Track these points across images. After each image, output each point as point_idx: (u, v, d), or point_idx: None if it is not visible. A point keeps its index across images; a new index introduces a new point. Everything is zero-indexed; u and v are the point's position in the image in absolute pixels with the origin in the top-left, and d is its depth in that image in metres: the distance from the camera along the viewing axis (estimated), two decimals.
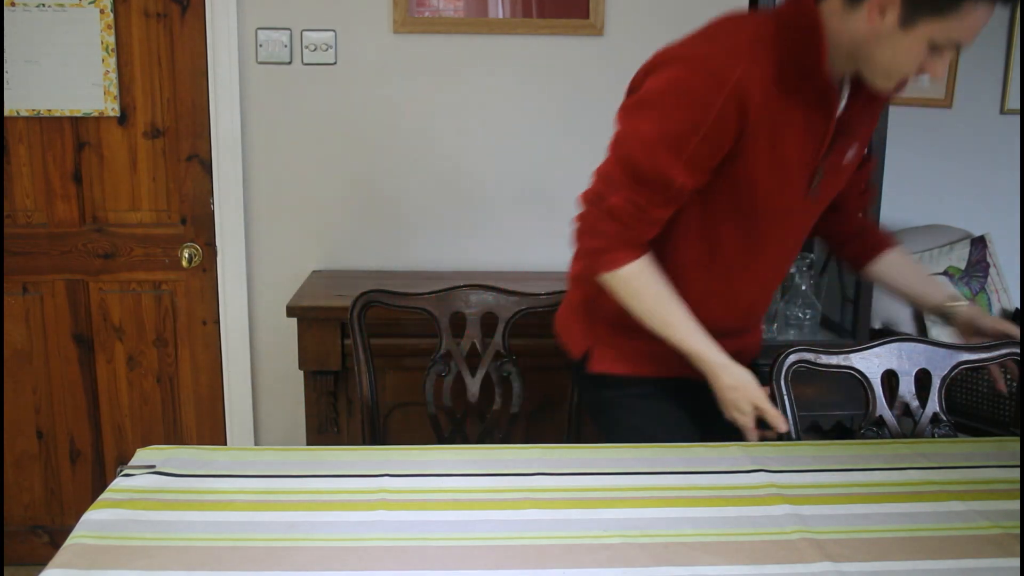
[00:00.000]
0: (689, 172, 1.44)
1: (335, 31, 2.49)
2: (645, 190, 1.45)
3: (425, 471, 1.38)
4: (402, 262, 2.62)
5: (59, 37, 2.45)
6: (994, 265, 3.11)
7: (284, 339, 2.54)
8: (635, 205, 1.46)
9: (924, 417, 1.63)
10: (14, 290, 2.59)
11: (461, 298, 1.86)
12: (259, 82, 2.50)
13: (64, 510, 2.72)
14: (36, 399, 2.65)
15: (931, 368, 1.63)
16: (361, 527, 1.21)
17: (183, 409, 2.70)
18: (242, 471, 1.38)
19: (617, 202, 1.46)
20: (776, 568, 1.13)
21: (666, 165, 1.43)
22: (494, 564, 1.13)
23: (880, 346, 1.62)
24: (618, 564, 1.13)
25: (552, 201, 2.61)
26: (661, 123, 1.43)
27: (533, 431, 2.27)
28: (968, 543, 1.20)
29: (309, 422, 2.26)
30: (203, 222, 2.59)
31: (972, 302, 1.73)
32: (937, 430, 1.63)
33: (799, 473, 1.40)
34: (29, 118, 2.50)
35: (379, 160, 2.56)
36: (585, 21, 2.50)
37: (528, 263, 2.64)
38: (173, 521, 1.22)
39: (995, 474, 1.42)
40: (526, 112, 2.55)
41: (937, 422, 1.63)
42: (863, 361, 1.61)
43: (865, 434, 1.62)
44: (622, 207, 1.46)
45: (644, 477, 1.38)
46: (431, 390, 1.85)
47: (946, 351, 1.64)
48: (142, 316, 2.63)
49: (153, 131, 2.53)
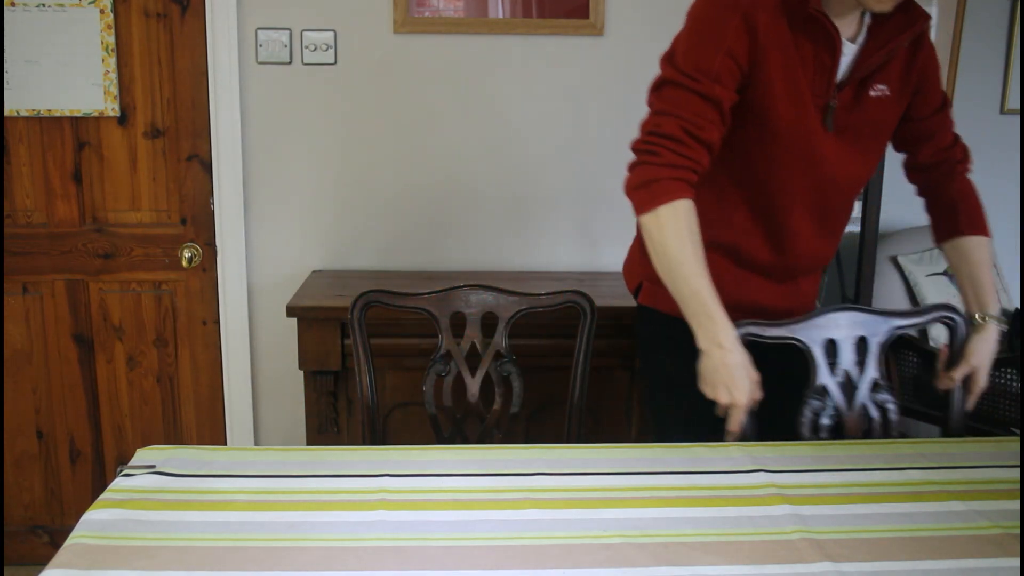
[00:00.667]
0: (722, 87, 1.51)
1: (335, 31, 2.49)
2: (689, 110, 1.51)
3: (425, 471, 1.38)
4: (402, 262, 2.62)
5: (59, 37, 2.45)
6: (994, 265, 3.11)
7: (284, 339, 2.54)
8: (684, 126, 1.50)
9: (863, 383, 1.67)
10: (14, 290, 2.59)
11: (461, 298, 1.86)
12: (259, 82, 2.50)
13: (64, 510, 2.72)
14: (36, 399, 2.65)
15: (868, 335, 1.68)
16: (361, 527, 1.21)
17: (183, 409, 2.70)
18: (242, 471, 1.38)
19: (670, 128, 1.51)
20: (776, 568, 1.13)
21: (702, 81, 1.51)
22: (494, 564, 1.13)
23: (820, 316, 1.66)
24: (618, 564, 1.13)
25: (552, 201, 2.61)
26: (689, 48, 1.54)
27: (533, 431, 2.27)
28: (968, 543, 1.20)
29: (309, 422, 2.26)
30: (203, 222, 2.59)
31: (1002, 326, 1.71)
32: (876, 395, 1.67)
33: (799, 473, 1.40)
34: (29, 118, 2.50)
35: (379, 160, 2.56)
36: (585, 21, 2.50)
37: (528, 263, 2.65)
38: (173, 521, 1.22)
39: (995, 474, 1.42)
40: (526, 112, 2.55)
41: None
42: (804, 331, 1.65)
43: (810, 403, 1.64)
44: (674, 131, 1.51)
45: (644, 477, 1.38)
46: (431, 390, 1.85)
47: (882, 318, 1.69)
48: (142, 316, 2.63)
49: (153, 131, 2.53)
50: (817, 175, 1.62)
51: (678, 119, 1.50)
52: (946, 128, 1.75)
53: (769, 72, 1.53)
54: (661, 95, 1.55)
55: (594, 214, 2.61)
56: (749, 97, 1.55)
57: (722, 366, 1.49)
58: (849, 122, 1.60)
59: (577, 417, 1.86)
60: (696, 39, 1.53)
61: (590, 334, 1.84)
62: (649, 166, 1.51)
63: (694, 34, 1.54)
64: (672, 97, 1.53)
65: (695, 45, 1.53)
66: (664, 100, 1.54)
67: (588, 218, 2.62)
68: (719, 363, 1.49)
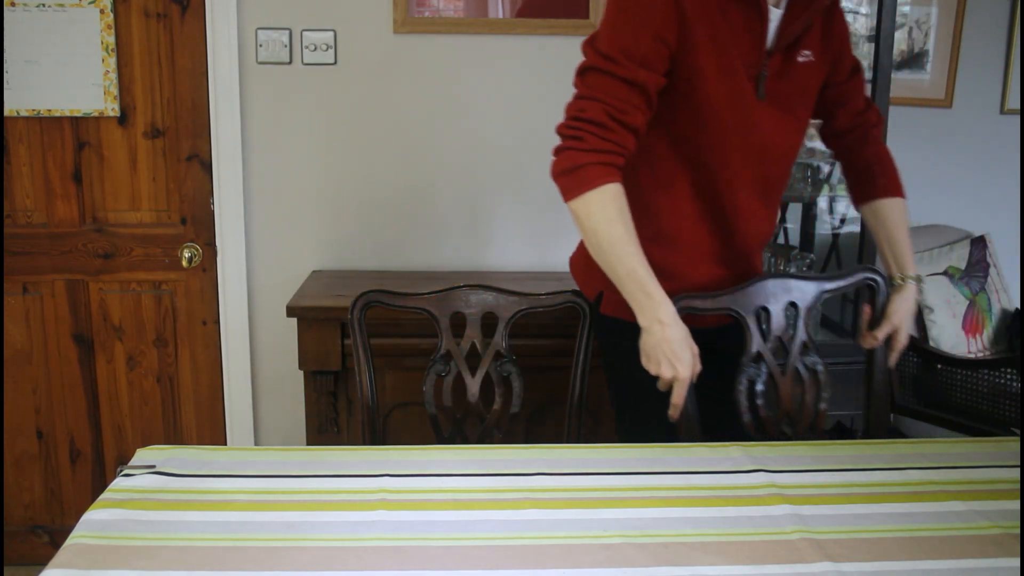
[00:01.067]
0: (647, 71, 1.51)
1: (335, 31, 2.49)
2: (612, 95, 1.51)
3: (425, 471, 1.38)
4: (402, 262, 2.62)
5: (59, 37, 2.45)
6: (994, 265, 3.11)
7: (284, 339, 2.54)
8: (608, 111, 1.51)
9: (795, 346, 1.73)
10: (14, 290, 2.59)
11: (461, 298, 1.86)
12: (259, 82, 2.50)
13: (64, 510, 2.72)
14: (36, 399, 2.65)
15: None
16: (361, 527, 1.21)
17: (183, 409, 2.70)
18: (242, 471, 1.38)
19: (593, 113, 1.51)
20: (776, 568, 1.13)
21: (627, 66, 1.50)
22: (494, 564, 1.13)
23: (750, 286, 1.71)
24: (618, 564, 1.13)
25: (552, 201, 2.60)
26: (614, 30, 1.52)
27: (533, 431, 2.27)
28: (968, 543, 1.20)
29: (309, 422, 2.26)
30: (203, 222, 2.59)
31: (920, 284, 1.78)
32: (806, 357, 1.74)
33: (799, 473, 1.40)
34: (29, 118, 2.50)
35: (379, 160, 2.56)
36: (585, 21, 2.50)
37: (528, 263, 2.65)
38: (173, 521, 1.22)
39: (995, 474, 1.42)
40: (526, 112, 2.55)
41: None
42: (738, 301, 1.70)
43: (746, 370, 1.69)
44: (598, 116, 1.51)
45: (644, 477, 1.38)
46: (431, 390, 1.85)
47: (809, 283, 1.75)
48: (142, 316, 2.63)
49: (153, 131, 2.53)
50: (755, 145, 1.64)
51: (602, 104, 1.51)
52: (860, 92, 1.80)
53: (698, 47, 1.52)
54: (585, 80, 1.54)
55: None
56: (681, 76, 1.55)
57: (664, 341, 1.51)
58: (779, 89, 1.62)
59: (577, 417, 1.86)
60: (622, 21, 1.51)
61: (590, 334, 1.84)
62: (574, 151, 1.52)
63: (620, 15, 1.52)
64: (596, 83, 1.52)
65: (620, 27, 1.51)
66: (587, 85, 1.54)
67: None
68: (660, 338, 1.51)
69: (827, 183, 2.63)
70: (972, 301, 3.03)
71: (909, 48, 3.32)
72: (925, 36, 3.30)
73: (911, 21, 3.30)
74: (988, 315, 3.04)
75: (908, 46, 3.32)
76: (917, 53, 3.32)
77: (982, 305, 3.04)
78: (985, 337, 3.02)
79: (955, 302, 3.01)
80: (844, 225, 2.62)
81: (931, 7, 3.28)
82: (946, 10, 3.25)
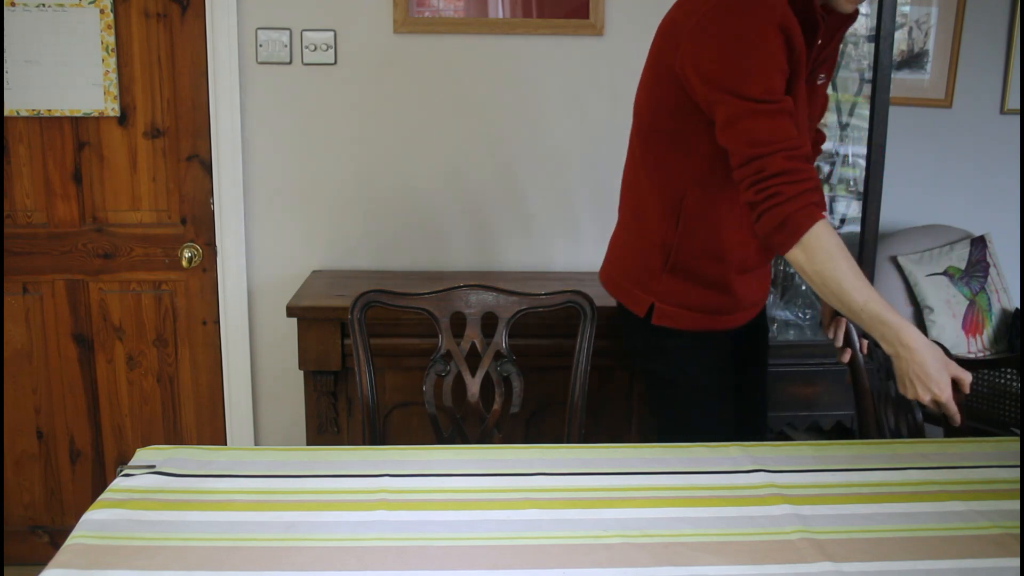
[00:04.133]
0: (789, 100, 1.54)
1: (335, 31, 2.49)
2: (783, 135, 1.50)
3: (425, 471, 1.38)
4: (402, 262, 2.62)
5: (59, 37, 2.45)
6: (994, 265, 3.11)
7: (284, 339, 2.54)
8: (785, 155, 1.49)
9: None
10: (14, 290, 2.59)
11: (461, 298, 1.86)
12: (259, 82, 2.50)
13: (64, 510, 2.72)
14: (36, 399, 2.65)
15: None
16: (361, 527, 1.21)
17: (183, 409, 2.70)
18: (242, 471, 1.38)
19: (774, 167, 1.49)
20: (776, 568, 1.13)
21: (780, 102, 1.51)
22: (494, 564, 1.13)
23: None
24: (618, 564, 1.13)
25: (553, 201, 2.61)
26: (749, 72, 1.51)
27: (533, 431, 2.27)
28: (968, 543, 1.20)
29: (309, 422, 2.26)
30: (203, 222, 2.59)
31: None
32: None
33: (799, 473, 1.40)
34: (29, 118, 2.50)
35: (379, 160, 2.56)
36: (585, 21, 2.50)
37: (528, 263, 2.65)
38: (173, 521, 1.22)
39: (995, 474, 1.42)
40: (526, 112, 2.55)
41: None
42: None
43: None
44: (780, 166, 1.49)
45: (644, 477, 1.38)
46: (431, 390, 1.85)
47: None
48: (142, 316, 2.63)
49: (153, 131, 2.53)
50: None
51: (777, 152, 1.49)
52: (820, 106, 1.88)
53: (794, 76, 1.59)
54: (738, 129, 1.51)
55: (594, 214, 2.60)
56: None
57: (912, 364, 1.46)
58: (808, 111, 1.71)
59: (577, 417, 1.86)
60: (754, 61, 1.51)
61: (590, 334, 1.84)
62: (775, 208, 1.49)
63: (745, 57, 1.51)
64: (755, 129, 1.50)
65: (754, 71, 1.51)
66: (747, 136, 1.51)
67: (588, 218, 2.61)
68: (908, 362, 1.46)
69: (827, 183, 2.63)
70: (972, 301, 3.03)
71: (909, 48, 3.33)
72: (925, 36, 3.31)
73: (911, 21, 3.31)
74: (988, 315, 3.04)
75: (908, 46, 3.32)
76: (917, 53, 3.33)
77: (982, 305, 3.04)
78: (985, 337, 3.02)
79: (955, 302, 3.01)
80: (844, 225, 2.62)
81: (931, 7, 3.28)
82: (946, 10, 3.25)
